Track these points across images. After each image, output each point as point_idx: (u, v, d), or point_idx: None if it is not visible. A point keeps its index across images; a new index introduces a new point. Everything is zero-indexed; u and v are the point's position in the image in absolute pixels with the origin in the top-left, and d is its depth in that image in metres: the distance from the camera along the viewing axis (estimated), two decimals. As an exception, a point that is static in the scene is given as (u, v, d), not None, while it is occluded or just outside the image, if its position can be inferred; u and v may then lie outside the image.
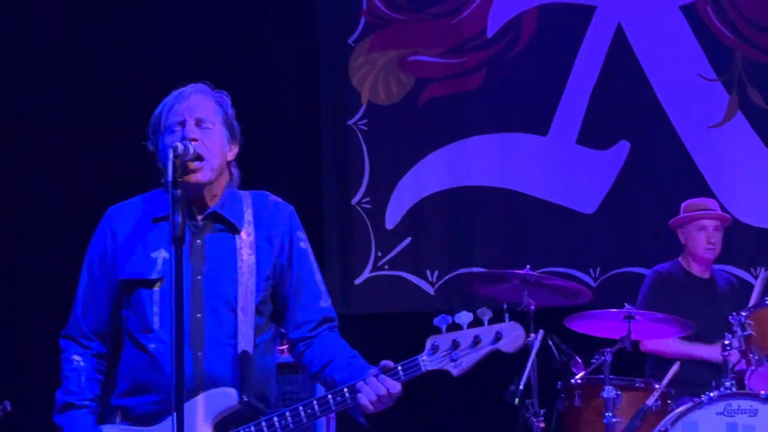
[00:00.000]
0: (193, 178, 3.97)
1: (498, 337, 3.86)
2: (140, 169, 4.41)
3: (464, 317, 3.87)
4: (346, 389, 3.88)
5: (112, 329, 4.19)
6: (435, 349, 3.85)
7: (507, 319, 3.90)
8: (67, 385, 4.13)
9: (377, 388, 3.84)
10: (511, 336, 3.87)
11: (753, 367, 6.77)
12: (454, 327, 3.87)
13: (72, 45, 8.41)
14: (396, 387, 3.84)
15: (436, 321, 3.88)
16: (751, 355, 6.79)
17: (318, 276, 4.21)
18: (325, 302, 4.20)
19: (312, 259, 4.21)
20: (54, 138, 8.34)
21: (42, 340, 5.43)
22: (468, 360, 3.85)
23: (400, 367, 3.87)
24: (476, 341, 3.85)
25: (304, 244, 4.19)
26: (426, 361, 3.85)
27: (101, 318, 4.17)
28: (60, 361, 4.18)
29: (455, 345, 3.85)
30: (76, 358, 4.15)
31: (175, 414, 3.66)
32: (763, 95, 8.43)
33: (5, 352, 8.08)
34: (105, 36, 8.42)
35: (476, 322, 3.88)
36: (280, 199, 4.25)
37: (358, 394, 3.85)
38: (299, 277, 4.15)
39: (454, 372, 3.86)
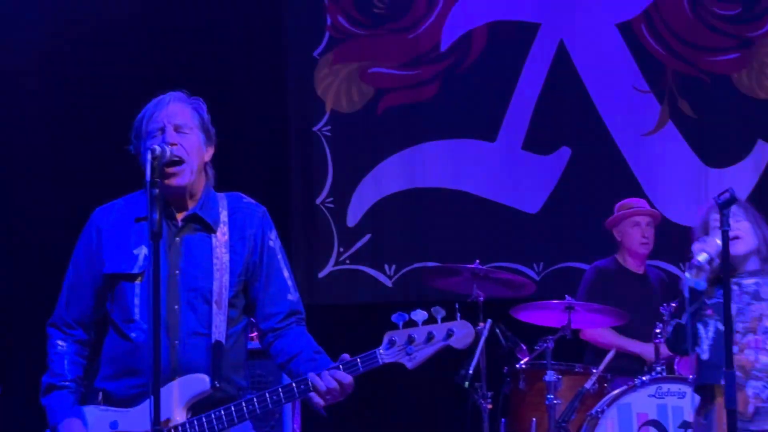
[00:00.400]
0: (174, 181, 4.02)
1: (450, 334, 3.89)
2: (125, 173, 4.41)
3: (419, 315, 3.89)
4: (307, 379, 3.91)
5: (94, 319, 4.19)
6: (392, 343, 3.88)
7: (458, 318, 3.94)
8: (51, 369, 4.15)
9: (329, 381, 3.87)
10: (462, 333, 3.90)
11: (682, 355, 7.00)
12: (410, 323, 3.89)
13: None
14: (347, 378, 3.89)
15: (394, 318, 3.90)
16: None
17: (287, 272, 4.21)
18: (293, 296, 4.20)
19: (281, 256, 4.22)
20: (45, 144, 8.32)
21: (33, 327, 5.50)
22: (422, 354, 3.88)
23: (359, 360, 3.90)
24: (430, 337, 3.88)
25: (274, 243, 4.20)
26: (383, 355, 3.89)
27: (84, 309, 4.17)
28: (46, 347, 4.19)
29: (410, 340, 3.87)
30: (60, 343, 4.16)
31: (153, 397, 3.72)
32: (691, 105, 8.50)
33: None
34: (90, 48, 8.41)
35: (431, 320, 3.89)
36: (253, 201, 4.26)
37: (312, 386, 3.90)
38: (269, 273, 4.16)
39: (409, 365, 3.89)
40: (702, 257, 4.86)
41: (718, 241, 4.83)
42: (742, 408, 4.83)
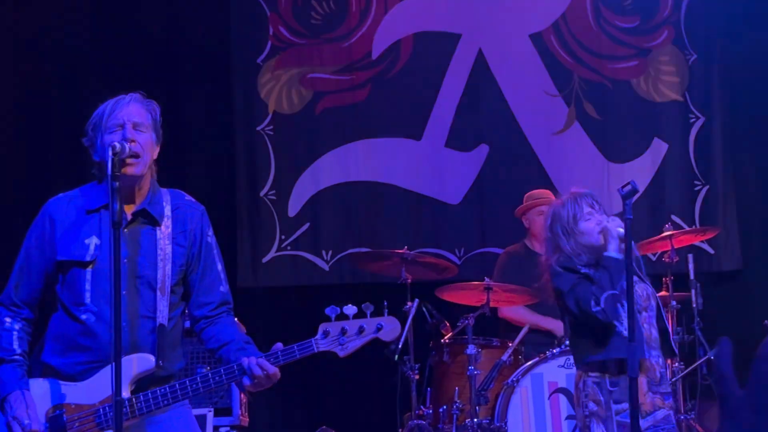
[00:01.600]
0: (129, 170, 3.98)
1: (379, 328, 3.91)
2: (75, 164, 4.46)
3: (350, 309, 3.92)
4: (235, 366, 3.92)
5: (40, 301, 4.14)
6: (326, 334, 3.90)
7: (386, 314, 3.97)
8: None
9: (257, 370, 3.89)
10: (389, 327, 3.93)
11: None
12: (342, 316, 3.91)
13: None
14: (272, 369, 3.89)
15: (327, 310, 3.92)
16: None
17: (220, 266, 4.21)
18: (224, 287, 4.20)
19: (216, 251, 4.22)
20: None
21: None
22: (353, 345, 3.91)
23: (296, 347, 3.91)
24: (361, 330, 3.91)
25: (211, 239, 4.19)
26: (318, 343, 3.90)
27: (32, 291, 4.11)
28: None
29: (343, 332, 3.89)
30: (7, 320, 4.09)
31: (112, 371, 3.69)
32: (595, 107, 8.52)
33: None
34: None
35: (360, 314, 3.93)
36: (193, 199, 4.25)
37: (244, 376, 3.90)
38: (205, 266, 4.15)
39: (341, 354, 3.92)
40: (621, 230, 4.80)
41: (619, 229, 4.87)
42: (652, 375, 4.93)
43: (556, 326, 7.04)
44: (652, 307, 5.04)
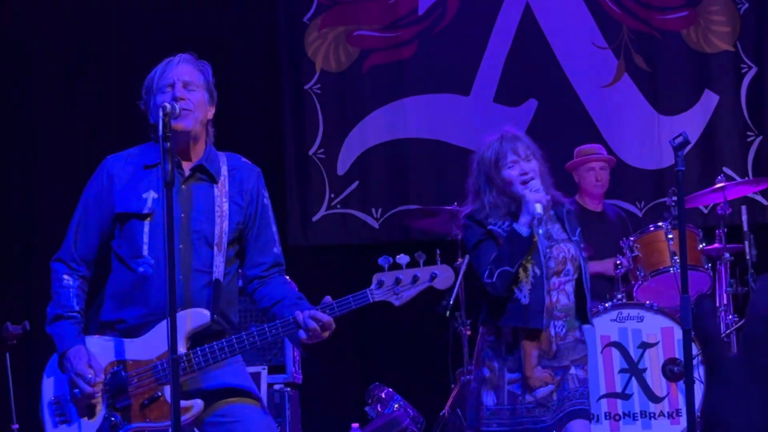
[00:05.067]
0: (180, 125, 3.99)
1: (433, 276, 3.90)
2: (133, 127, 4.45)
3: (403, 259, 3.90)
4: (292, 320, 3.91)
5: (96, 258, 4.16)
6: (380, 284, 3.89)
7: (439, 262, 3.95)
8: (57, 300, 4.08)
9: (308, 321, 3.88)
10: (444, 276, 3.91)
11: (639, 282, 6.90)
12: (395, 266, 3.89)
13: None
14: (325, 318, 3.88)
15: (380, 260, 3.90)
16: (638, 272, 6.91)
17: (274, 228, 4.23)
18: (278, 249, 4.21)
19: (271, 213, 4.24)
20: (59, 103, 8.35)
21: None
22: (408, 294, 3.90)
23: (351, 298, 3.91)
24: (415, 279, 3.89)
25: (267, 201, 4.22)
26: (373, 293, 3.89)
27: (90, 247, 4.14)
28: (51, 281, 4.13)
29: (397, 281, 3.88)
30: (66, 277, 4.10)
31: (168, 325, 3.70)
32: (645, 59, 8.45)
33: (29, 278, 8.14)
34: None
35: (413, 263, 3.91)
36: (249, 162, 4.26)
37: (299, 330, 3.90)
38: (260, 226, 4.17)
39: (396, 303, 3.91)
40: (539, 208, 4.62)
41: (541, 185, 4.66)
42: (546, 347, 4.69)
43: (606, 267, 7.02)
44: (568, 271, 4.73)
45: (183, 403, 3.87)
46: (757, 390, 4.01)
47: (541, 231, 4.67)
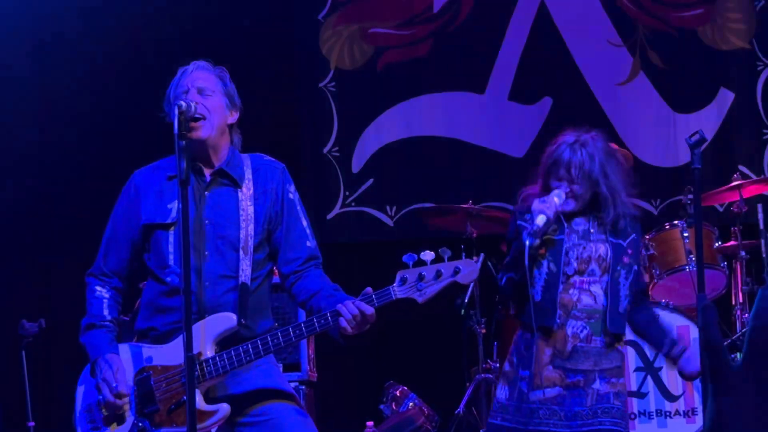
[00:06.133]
0: (195, 134, 4.00)
1: (456, 271, 3.83)
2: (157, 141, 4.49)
3: (428, 255, 3.83)
4: (329, 313, 3.88)
5: (128, 270, 4.23)
6: (404, 281, 3.83)
7: (463, 257, 3.88)
8: (90, 312, 4.17)
9: (353, 310, 3.84)
10: (467, 270, 3.83)
11: (655, 281, 6.91)
12: (419, 263, 3.84)
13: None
14: (369, 309, 3.83)
15: (405, 258, 3.85)
16: (653, 271, 6.94)
17: (305, 221, 4.22)
18: (311, 243, 4.20)
19: (299, 206, 4.22)
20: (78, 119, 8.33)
21: (72, 270, 5.48)
22: (431, 290, 3.83)
23: (374, 295, 3.87)
24: (438, 274, 3.82)
25: (293, 195, 4.20)
26: (396, 291, 3.84)
27: (120, 260, 4.21)
28: (85, 294, 4.22)
29: (421, 278, 3.82)
30: (98, 288, 4.19)
31: (195, 331, 3.77)
32: (660, 57, 8.42)
33: (44, 276, 8.17)
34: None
35: (437, 259, 3.84)
36: (273, 159, 4.27)
37: (339, 317, 3.85)
38: (289, 222, 4.16)
39: (420, 300, 3.84)
40: (540, 220, 4.56)
41: (557, 200, 4.62)
42: (560, 346, 4.60)
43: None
44: (593, 271, 4.63)
45: (208, 407, 3.92)
46: (761, 401, 3.97)
47: (527, 243, 4.56)
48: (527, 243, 4.54)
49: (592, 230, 4.69)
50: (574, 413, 4.59)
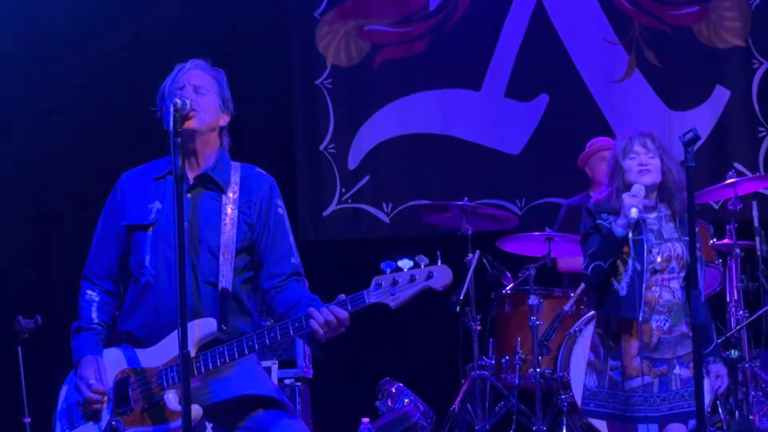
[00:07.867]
0: (188, 124, 3.97)
1: (430, 275, 3.78)
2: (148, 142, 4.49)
3: (406, 263, 3.80)
4: (302, 317, 3.86)
5: (120, 272, 4.21)
6: (378, 285, 3.79)
7: (439, 262, 3.83)
8: (80, 315, 4.17)
9: (327, 315, 3.81)
10: (441, 275, 3.79)
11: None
12: (397, 270, 3.80)
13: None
14: (343, 314, 3.81)
15: (383, 265, 3.81)
16: (647, 268, 7.00)
17: (291, 238, 4.18)
18: (295, 259, 4.16)
19: (287, 222, 4.19)
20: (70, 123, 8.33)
21: (68, 267, 5.47)
22: (404, 294, 3.78)
23: (348, 300, 3.83)
24: (412, 279, 3.77)
25: (282, 210, 4.18)
26: (370, 295, 3.79)
27: (109, 262, 4.19)
28: (78, 298, 4.22)
29: (395, 282, 3.78)
30: (89, 292, 4.18)
31: (179, 334, 3.71)
32: (656, 55, 8.43)
33: (40, 272, 8.18)
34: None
35: (415, 266, 3.80)
36: (263, 171, 4.22)
37: (311, 320, 3.82)
38: (275, 237, 4.13)
39: (392, 304, 3.80)
40: (634, 213, 4.79)
41: (641, 192, 4.83)
42: (647, 339, 4.85)
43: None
44: (673, 269, 4.88)
45: (180, 407, 3.89)
46: None
47: (630, 235, 4.83)
48: (622, 233, 4.79)
49: (664, 230, 4.94)
50: (662, 398, 4.87)
